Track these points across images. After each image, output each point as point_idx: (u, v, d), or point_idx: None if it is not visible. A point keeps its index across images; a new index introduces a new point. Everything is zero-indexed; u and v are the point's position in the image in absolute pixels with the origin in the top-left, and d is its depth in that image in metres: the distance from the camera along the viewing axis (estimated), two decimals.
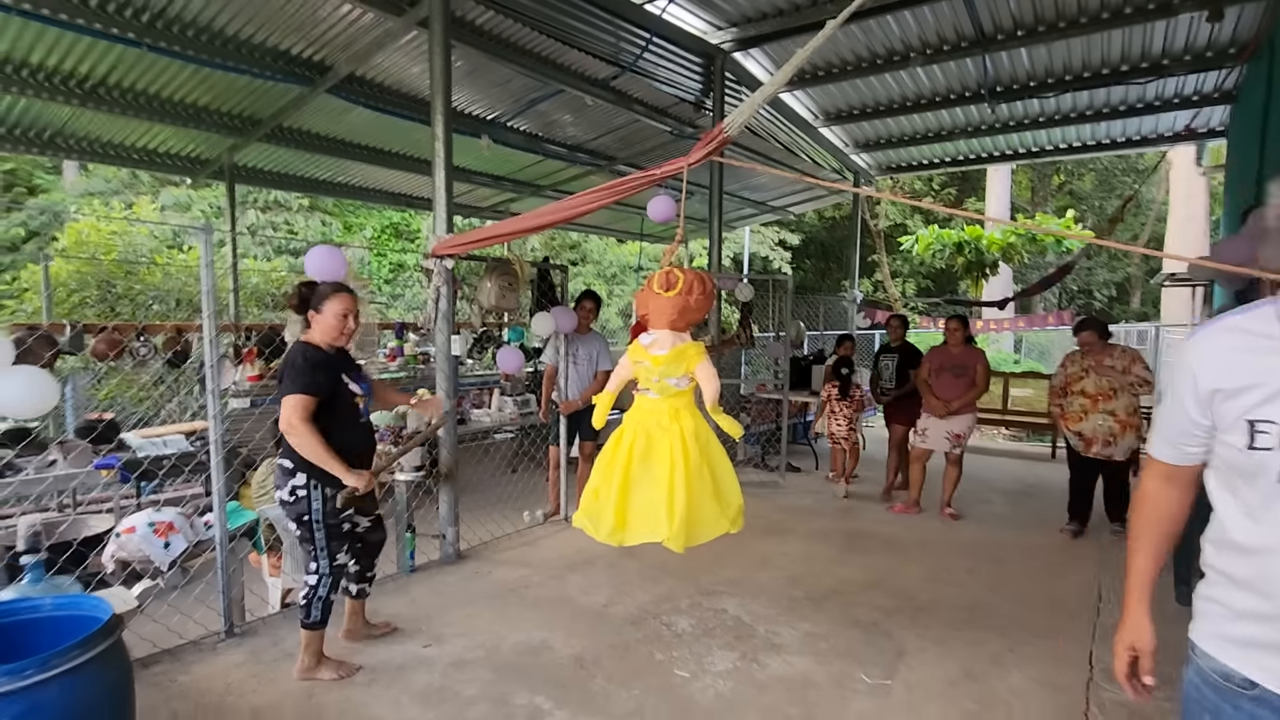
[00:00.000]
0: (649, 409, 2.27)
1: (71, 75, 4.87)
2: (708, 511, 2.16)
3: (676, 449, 2.15)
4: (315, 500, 2.72)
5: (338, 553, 2.81)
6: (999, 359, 14.41)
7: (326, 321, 2.73)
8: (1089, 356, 4.78)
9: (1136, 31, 5.75)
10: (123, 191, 12.02)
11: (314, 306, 2.75)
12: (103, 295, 7.16)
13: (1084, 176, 22.94)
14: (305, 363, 2.65)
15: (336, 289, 2.78)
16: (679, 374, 2.23)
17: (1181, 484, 1.39)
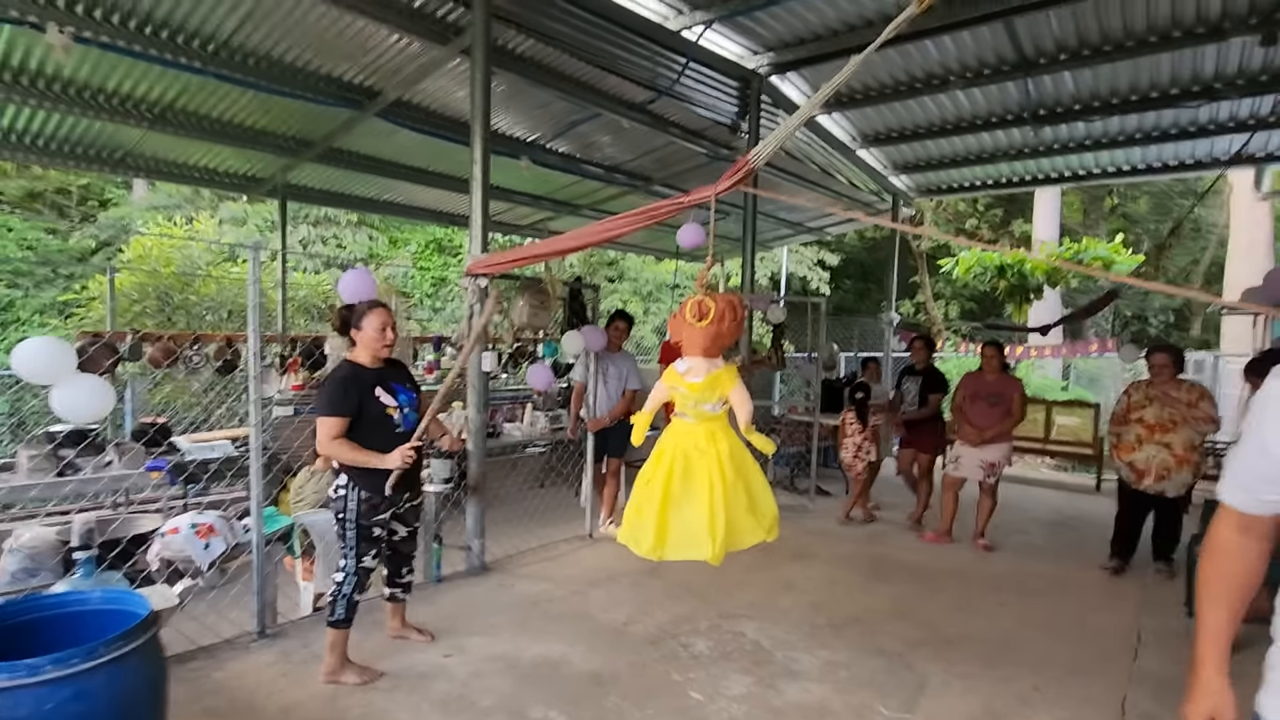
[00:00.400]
0: (686, 432, 2.39)
1: (143, 100, 5.20)
2: (744, 524, 2.33)
3: (715, 471, 2.29)
4: (351, 500, 2.88)
5: (365, 555, 2.94)
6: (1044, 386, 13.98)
7: (368, 336, 2.91)
8: (1156, 384, 4.55)
9: (1185, 55, 5.61)
10: (184, 206, 12.68)
11: (354, 325, 2.94)
12: (161, 305, 7.56)
13: (1138, 199, 22.20)
14: (334, 384, 2.86)
15: (372, 305, 2.96)
16: (714, 399, 2.36)
17: (1259, 535, 1.26)
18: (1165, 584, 4.47)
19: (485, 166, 4.16)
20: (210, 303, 7.88)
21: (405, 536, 3.19)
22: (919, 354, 5.79)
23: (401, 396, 2.99)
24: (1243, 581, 1.28)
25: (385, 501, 2.91)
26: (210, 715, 2.71)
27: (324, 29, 4.55)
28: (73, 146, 5.91)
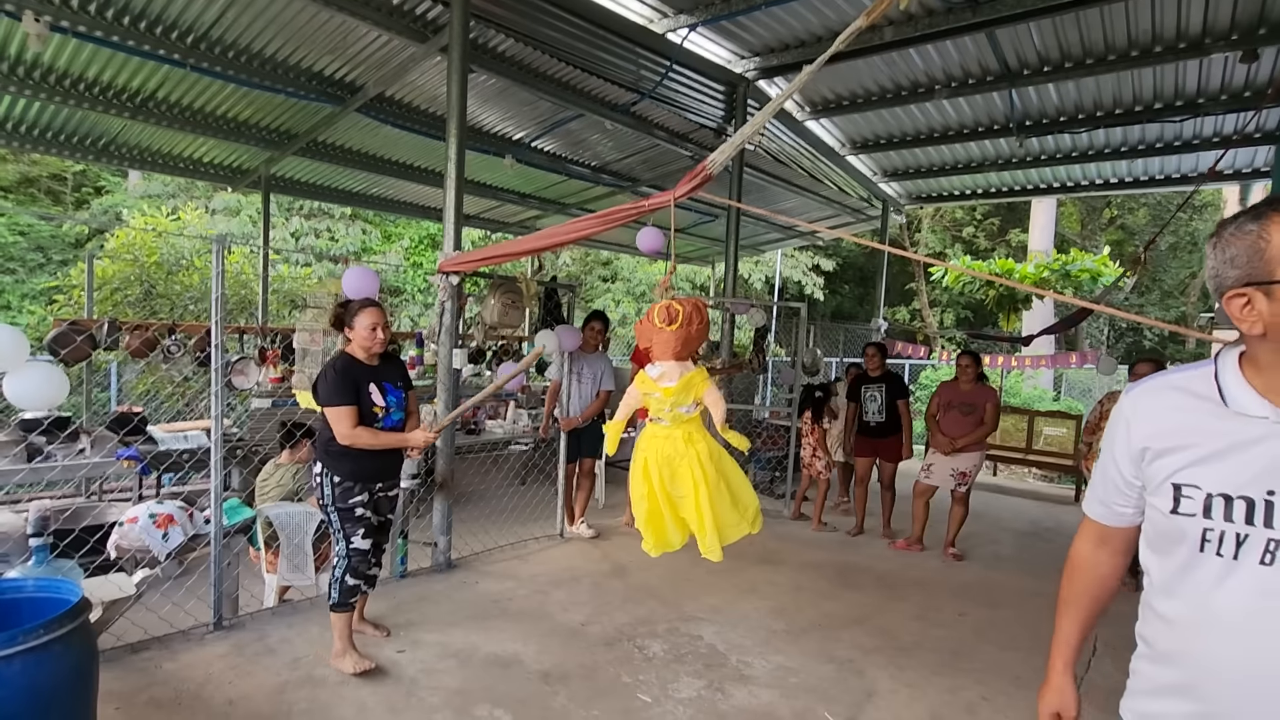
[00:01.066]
0: (664, 436, 2.46)
1: (124, 90, 5.22)
2: (729, 519, 2.44)
3: (697, 472, 2.38)
4: (327, 486, 2.96)
5: (353, 535, 2.98)
6: (1033, 396, 13.98)
7: (359, 334, 2.99)
8: None
9: (1168, 70, 5.64)
10: (179, 195, 12.69)
11: (347, 322, 3.01)
12: (145, 295, 7.57)
13: (1137, 211, 22.19)
14: (335, 374, 2.91)
15: (365, 304, 3.03)
16: (688, 402, 2.43)
17: (1114, 548, 1.34)
18: (1131, 596, 4.47)
19: (460, 164, 4.17)
20: (194, 293, 7.89)
21: (377, 525, 3.18)
22: (873, 361, 5.71)
23: (391, 396, 3.04)
24: (1095, 593, 1.39)
25: (358, 485, 2.98)
26: (155, 706, 2.72)
27: (303, 23, 4.57)
28: (55, 134, 5.92)
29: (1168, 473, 1.13)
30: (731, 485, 2.45)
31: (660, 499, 2.46)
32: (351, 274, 3.62)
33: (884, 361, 5.75)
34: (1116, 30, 5.20)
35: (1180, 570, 1.13)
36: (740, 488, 2.49)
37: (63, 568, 3.00)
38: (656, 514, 2.49)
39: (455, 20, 4.09)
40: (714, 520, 2.37)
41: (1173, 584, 1.14)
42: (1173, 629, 1.14)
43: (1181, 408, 1.14)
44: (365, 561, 3.04)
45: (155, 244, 8.20)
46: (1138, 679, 1.23)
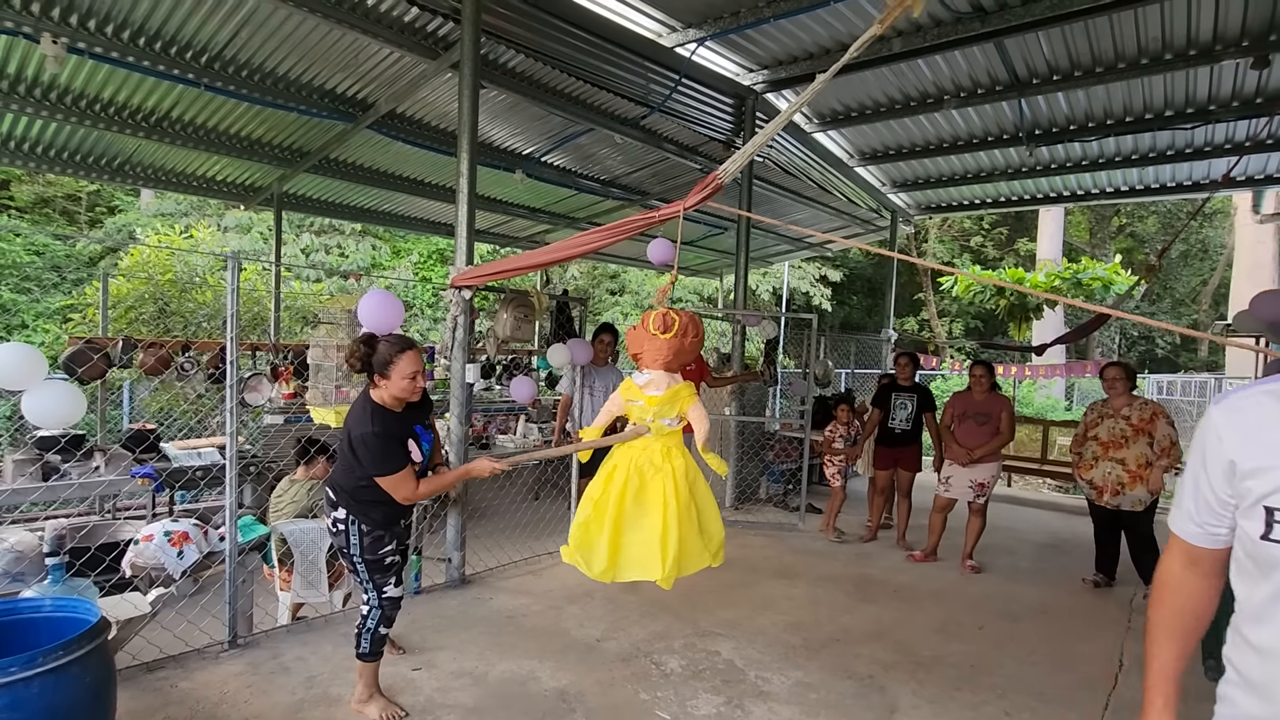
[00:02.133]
0: (641, 446, 2.32)
1: (139, 110, 5.29)
2: (693, 546, 2.26)
3: (669, 489, 2.23)
4: (353, 535, 2.64)
5: (385, 585, 2.72)
6: (1046, 406, 13.89)
7: (397, 385, 2.56)
8: (1109, 402, 4.67)
9: (1179, 77, 5.61)
10: (191, 213, 12.83)
11: (379, 370, 2.55)
12: (159, 312, 7.63)
13: (1146, 219, 22.11)
14: (379, 441, 2.51)
15: (401, 349, 2.56)
16: (673, 414, 2.31)
17: (1206, 570, 1.21)
18: None
19: (472, 179, 4.19)
20: (207, 310, 7.96)
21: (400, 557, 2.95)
22: (904, 371, 5.72)
23: (424, 444, 2.75)
24: (1190, 622, 1.23)
25: (389, 534, 2.71)
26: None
27: (316, 42, 4.62)
28: (70, 154, 6.01)
29: (1259, 494, 1.03)
30: (702, 511, 2.31)
31: (609, 509, 2.24)
32: (371, 300, 3.26)
33: (916, 371, 5.72)
34: (1126, 38, 5.19)
35: (1272, 599, 1.03)
36: (710, 516, 2.34)
37: (79, 587, 2.99)
38: (597, 522, 2.26)
39: (466, 37, 4.12)
40: (677, 544, 2.19)
41: (1264, 612, 1.05)
42: (1265, 660, 1.05)
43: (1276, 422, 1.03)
44: (397, 608, 2.78)
45: (169, 262, 8.27)
46: (1227, 705, 1.14)
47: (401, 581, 2.84)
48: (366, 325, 3.12)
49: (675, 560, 2.18)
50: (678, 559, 2.19)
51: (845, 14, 5.09)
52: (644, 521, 2.24)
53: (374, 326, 3.09)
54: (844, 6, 4.96)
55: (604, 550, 2.27)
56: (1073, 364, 8.87)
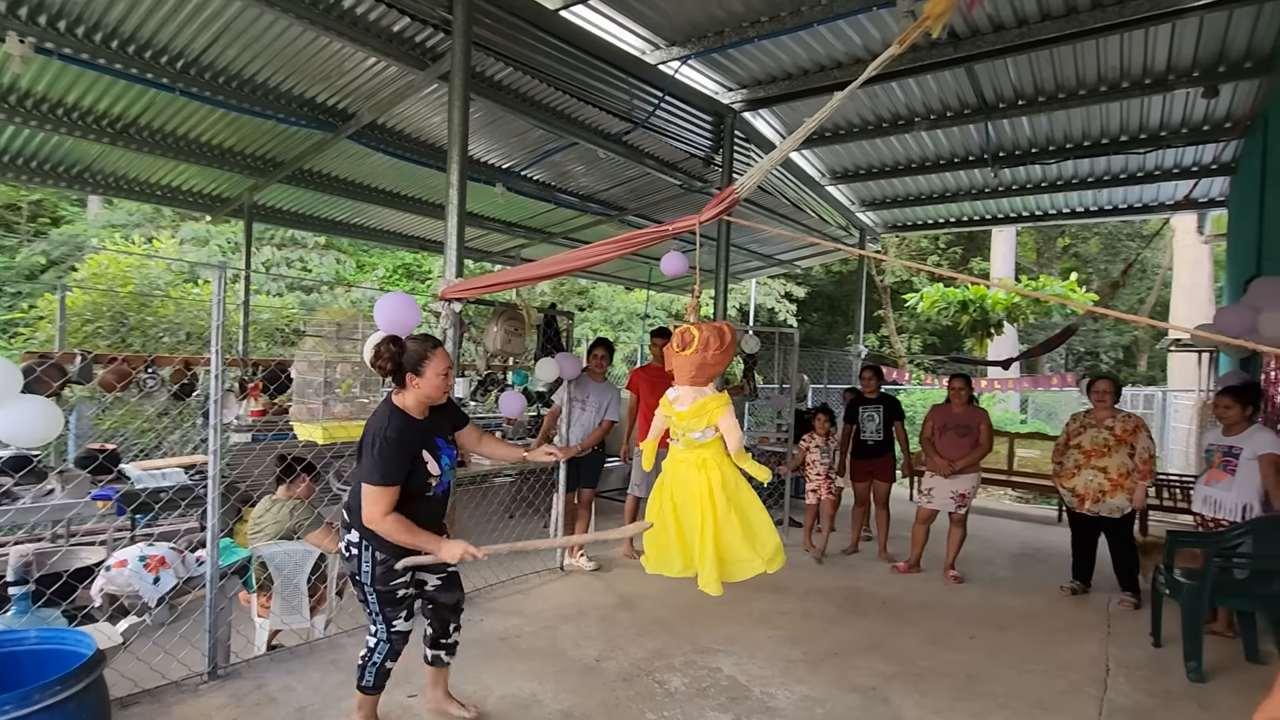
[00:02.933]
0: (680, 459, 2.42)
1: (105, 115, 5.06)
2: (740, 554, 2.31)
3: (706, 499, 2.29)
4: (365, 563, 2.48)
5: (394, 619, 2.55)
6: (1005, 419, 14.31)
7: (430, 383, 2.46)
8: (1093, 412, 4.80)
9: (1134, 104, 5.93)
10: (144, 225, 12.32)
11: (411, 369, 2.45)
12: (115, 327, 7.27)
13: (1089, 240, 23.20)
14: (389, 444, 2.38)
15: (433, 345, 2.50)
16: (701, 427, 2.35)
17: None
18: (1131, 614, 4.54)
19: (462, 191, 4.13)
20: (168, 324, 7.61)
21: (439, 586, 2.72)
22: (869, 384, 5.88)
23: (444, 458, 2.57)
24: None
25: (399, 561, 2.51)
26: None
27: (299, 50, 4.51)
28: (26, 160, 5.70)
29: None
30: (747, 518, 2.33)
31: (669, 519, 2.38)
32: (388, 302, 3.10)
33: (880, 384, 5.85)
34: (1087, 66, 5.47)
35: None
36: (758, 522, 2.36)
37: (47, 617, 2.80)
38: (663, 531, 2.42)
39: (458, 48, 4.08)
40: (715, 553, 2.26)
41: None
42: None
43: None
44: (405, 642, 2.62)
45: (129, 273, 7.90)
46: None
47: (413, 615, 2.65)
48: (385, 328, 2.98)
49: (714, 567, 2.24)
50: (719, 567, 2.25)
51: (825, 36, 5.23)
52: (692, 534, 2.32)
53: (393, 328, 2.95)
54: (824, 29, 5.10)
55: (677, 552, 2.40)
56: (1038, 378, 9.18)
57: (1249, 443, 4.03)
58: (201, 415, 6.36)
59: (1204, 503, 4.24)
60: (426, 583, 2.71)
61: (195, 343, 7.78)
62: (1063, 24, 4.74)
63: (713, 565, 2.24)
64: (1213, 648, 3.82)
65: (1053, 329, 15.75)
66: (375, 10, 4.12)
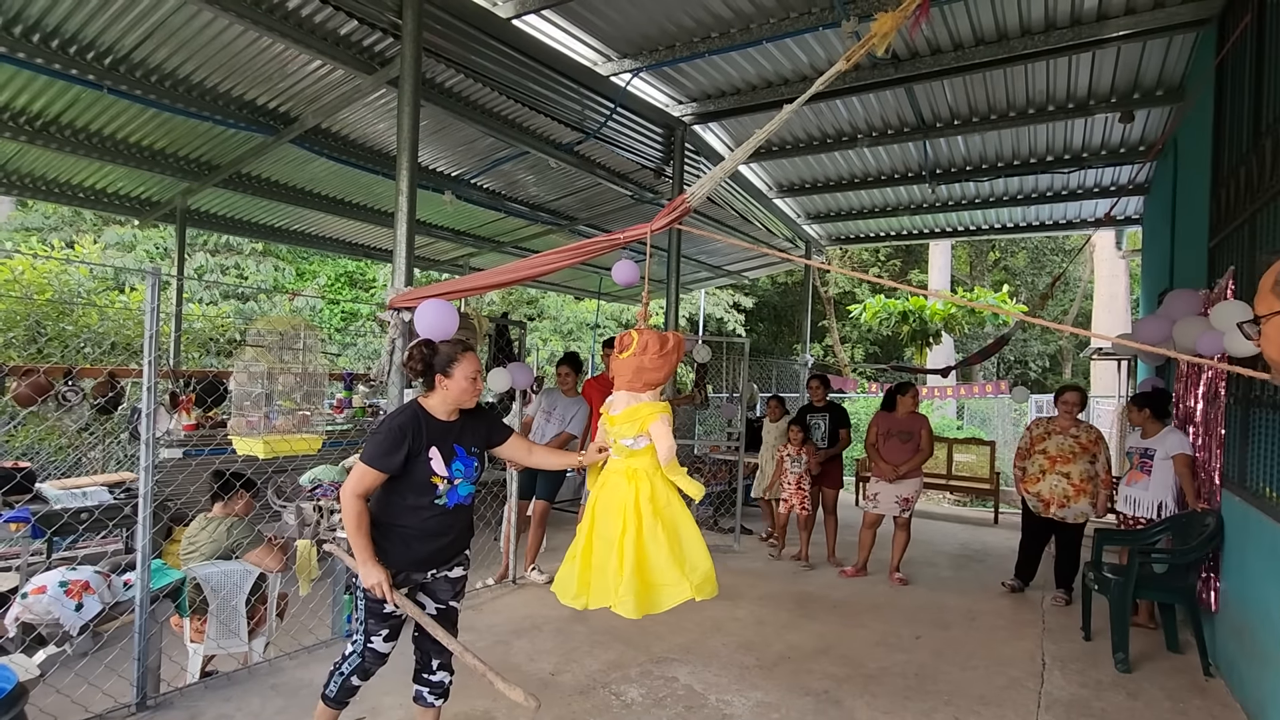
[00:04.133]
0: (610, 470, 2.29)
1: (22, 112, 4.76)
2: (666, 576, 2.11)
3: (629, 512, 2.15)
4: None
5: (375, 634, 2.46)
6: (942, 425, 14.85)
7: (458, 385, 2.42)
8: (1058, 420, 4.97)
9: (1059, 127, 6.29)
10: (63, 228, 11.60)
11: (441, 370, 2.42)
12: (31, 336, 6.80)
13: (1017, 254, 24.44)
14: (389, 431, 2.34)
15: (464, 349, 2.48)
16: (633, 434, 2.24)
17: None
18: (1063, 610, 4.77)
19: (412, 199, 4.05)
20: (91, 334, 7.17)
21: (436, 615, 2.56)
22: (817, 392, 6.04)
23: (458, 464, 2.42)
24: None
25: (402, 575, 2.42)
26: None
27: (239, 50, 4.36)
28: None
29: None
30: (677, 536, 2.17)
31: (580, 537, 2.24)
32: (428, 309, 3.07)
33: (828, 392, 6.00)
34: (1017, 90, 5.77)
35: None
36: (689, 542, 2.20)
37: None
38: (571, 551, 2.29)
39: (408, 53, 4.01)
40: (636, 571, 2.07)
41: None
42: None
43: None
44: (380, 663, 2.53)
45: (46, 280, 7.41)
46: None
47: (395, 639, 2.53)
48: (424, 332, 2.91)
49: (631, 587, 2.05)
50: (637, 587, 2.06)
51: (773, 53, 5.36)
52: (607, 549, 2.14)
53: (432, 332, 2.90)
54: (772, 46, 5.23)
55: (575, 577, 2.25)
56: (973, 385, 9.57)
57: (1162, 444, 4.32)
58: (128, 430, 6.02)
59: (1125, 502, 4.51)
60: (425, 606, 2.56)
61: (121, 353, 7.36)
62: (995, 49, 5.00)
63: (630, 584, 2.04)
64: (1137, 639, 4.06)
65: (986, 339, 16.49)
66: (321, 12, 4.02)
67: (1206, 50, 4.70)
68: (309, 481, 4.28)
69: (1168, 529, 4.18)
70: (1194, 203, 4.94)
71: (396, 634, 2.53)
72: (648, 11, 4.83)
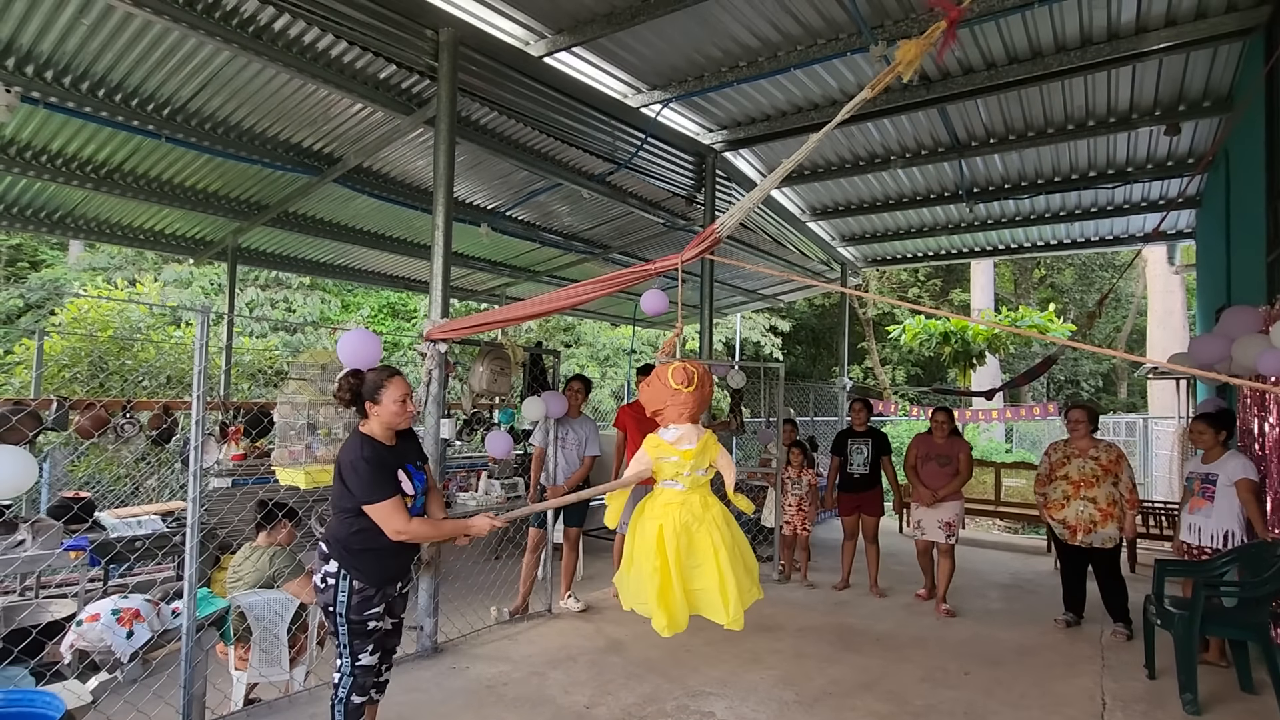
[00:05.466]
0: (679, 503, 2.36)
1: (89, 162, 5.08)
2: (745, 584, 2.35)
3: (716, 536, 2.31)
4: (341, 592, 2.54)
5: (360, 652, 2.59)
6: (990, 448, 14.38)
7: (388, 410, 2.58)
8: (1073, 442, 4.80)
9: (1100, 141, 6.14)
10: (125, 268, 12.24)
11: (369, 397, 2.59)
12: (94, 371, 7.16)
13: (1064, 271, 23.74)
14: (369, 467, 2.50)
15: (389, 374, 2.64)
16: (705, 465, 2.39)
17: None
18: (1124, 645, 4.52)
19: (448, 233, 4.16)
20: (148, 368, 7.51)
21: (390, 629, 2.78)
22: (859, 416, 5.89)
23: (416, 480, 2.67)
24: None
25: (379, 593, 2.59)
26: None
27: (286, 97, 4.58)
28: (8, 206, 5.68)
29: None
30: (742, 549, 2.41)
31: (674, 572, 2.28)
32: (350, 339, 3.28)
33: (870, 416, 5.88)
34: (1054, 107, 5.67)
35: None
36: (748, 551, 2.45)
37: (14, 677, 2.69)
38: (668, 589, 2.29)
39: (443, 94, 4.16)
40: (735, 585, 2.27)
41: None
42: None
43: None
44: (370, 676, 2.66)
45: (109, 317, 7.80)
46: None
47: (379, 651, 2.67)
48: (348, 362, 3.10)
49: (736, 602, 2.27)
50: (738, 600, 2.28)
51: (802, 79, 5.39)
52: (700, 572, 2.31)
53: (356, 362, 3.05)
54: (800, 73, 5.26)
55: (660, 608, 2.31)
56: (1021, 408, 9.26)
57: (1224, 469, 4.09)
58: (180, 461, 6.25)
59: (1188, 530, 4.27)
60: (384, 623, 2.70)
61: (175, 386, 7.68)
62: (1029, 66, 4.93)
63: (735, 600, 2.25)
64: (1207, 678, 3.81)
65: (1033, 358, 15.99)
66: (362, 58, 4.21)
67: (1255, 59, 4.54)
68: None
69: (1236, 560, 3.94)
70: (1249, 215, 4.75)
71: (379, 647, 2.68)
72: (676, 45, 4.92)
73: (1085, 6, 4.35)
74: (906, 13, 4.47)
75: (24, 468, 2.46)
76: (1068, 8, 4.34)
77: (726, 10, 4.50)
